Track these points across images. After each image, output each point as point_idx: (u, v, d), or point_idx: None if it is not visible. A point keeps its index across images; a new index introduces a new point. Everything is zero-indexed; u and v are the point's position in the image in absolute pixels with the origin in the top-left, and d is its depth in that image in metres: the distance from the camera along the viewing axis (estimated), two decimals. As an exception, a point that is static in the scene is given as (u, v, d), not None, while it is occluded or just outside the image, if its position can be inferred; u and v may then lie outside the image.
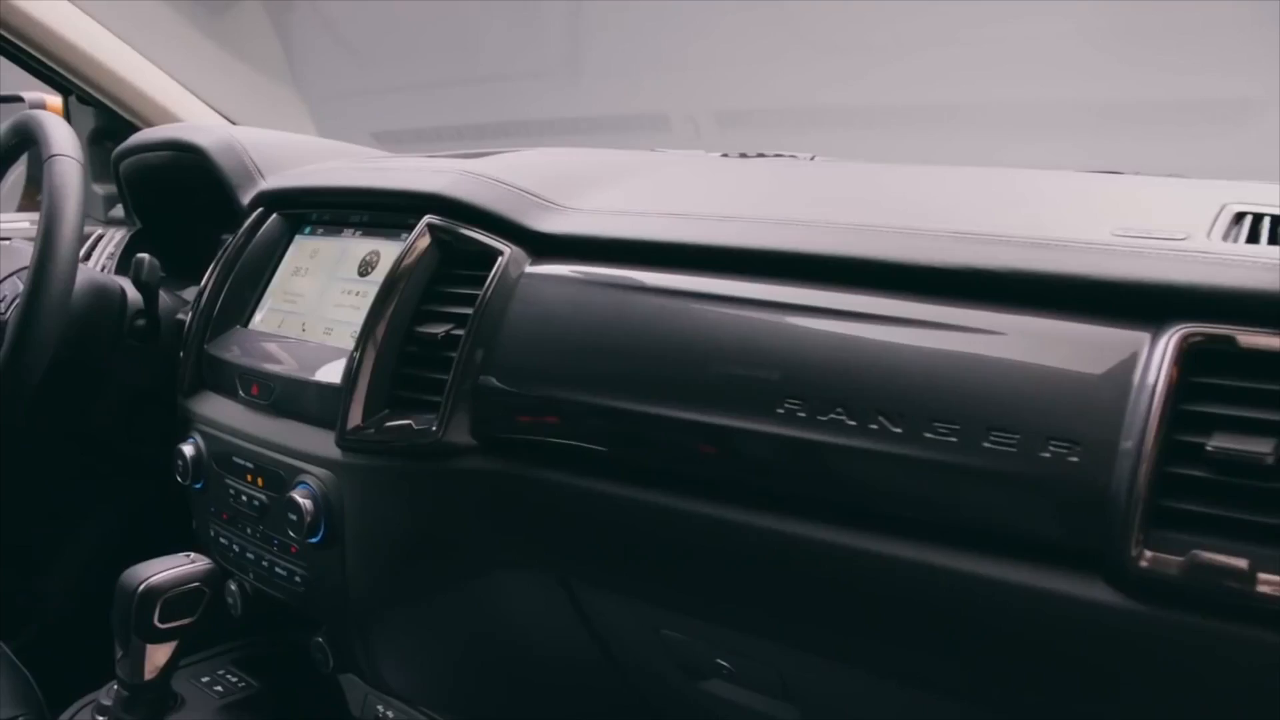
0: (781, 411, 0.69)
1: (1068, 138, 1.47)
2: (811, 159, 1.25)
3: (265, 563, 1.00)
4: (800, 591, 0.70)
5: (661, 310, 0.77)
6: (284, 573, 0.97)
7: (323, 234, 1.08)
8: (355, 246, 1.03)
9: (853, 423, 0.66)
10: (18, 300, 1.14)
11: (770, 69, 1.49)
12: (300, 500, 0.90)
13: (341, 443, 0.88)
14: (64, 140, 1.13)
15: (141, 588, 0.87)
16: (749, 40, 1.49)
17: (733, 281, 0.75)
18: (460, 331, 0.85)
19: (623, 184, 0.95)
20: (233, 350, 1.06)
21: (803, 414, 0.68)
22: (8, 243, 1.52)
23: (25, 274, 1.22)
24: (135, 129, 1.63)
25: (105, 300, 1.22)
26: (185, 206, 1.49)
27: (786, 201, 0.89)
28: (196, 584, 0.90)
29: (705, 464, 0.73)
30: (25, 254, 1.28)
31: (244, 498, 1.00)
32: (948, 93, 1.53)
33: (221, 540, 1.06)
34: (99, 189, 1.72)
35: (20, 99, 1.68)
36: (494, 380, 0.83)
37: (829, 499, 0.68)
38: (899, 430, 0.64)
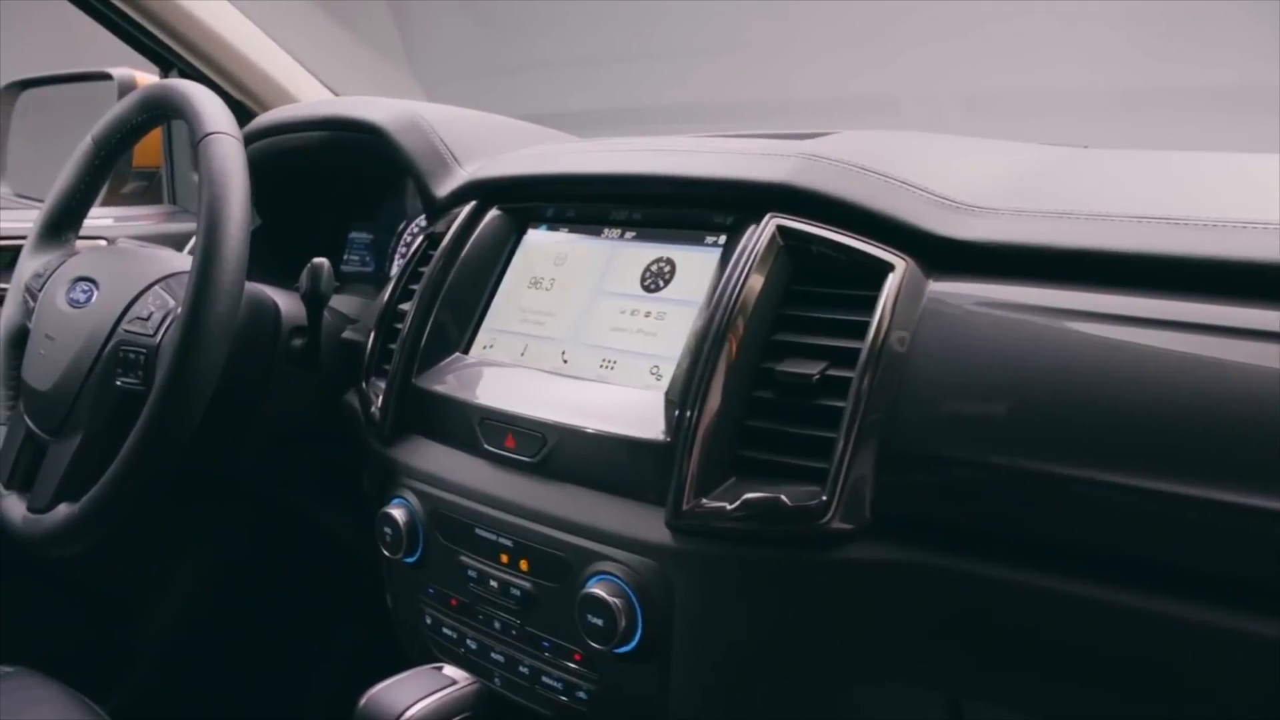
0: None
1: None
2: (1085, 148, 1.03)
3: (524, 669, 0.76)
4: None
5: (1189, 354, 0.54)
6: (557, 684, 0.74)
7: (568, 234, 0.85)
8: (629, 252, 0.79)
9: None
10: (172, 318, 0.90)
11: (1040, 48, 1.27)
12: (608, 599, 0.66)
13: (675, 523, 0.65)
14: (221, 115, 0.89)
15: (401, 722, 0.64)
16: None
17: None
18: (844, 372, 0.62)
19: (1013, 177, 0.72)
20: (462, 386, 0.82)
21: None
22: (105, 244, 1.28)
23: (170, 283, 0.98)
24: (247, 111, 1.39)
25: (260, 317, 0.98)
26: (315, 198, 1.26)
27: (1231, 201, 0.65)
28: (467, 714, 0.66)
29: (1239, 563, 0.52)
30: (157, 259, 1.04)
31: (493, 583, 0.76)
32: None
33: (445, 631, 0.82)
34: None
35: (108, 76, 1.44)
36: (910, 440, 0.60)
37: None
38: None
